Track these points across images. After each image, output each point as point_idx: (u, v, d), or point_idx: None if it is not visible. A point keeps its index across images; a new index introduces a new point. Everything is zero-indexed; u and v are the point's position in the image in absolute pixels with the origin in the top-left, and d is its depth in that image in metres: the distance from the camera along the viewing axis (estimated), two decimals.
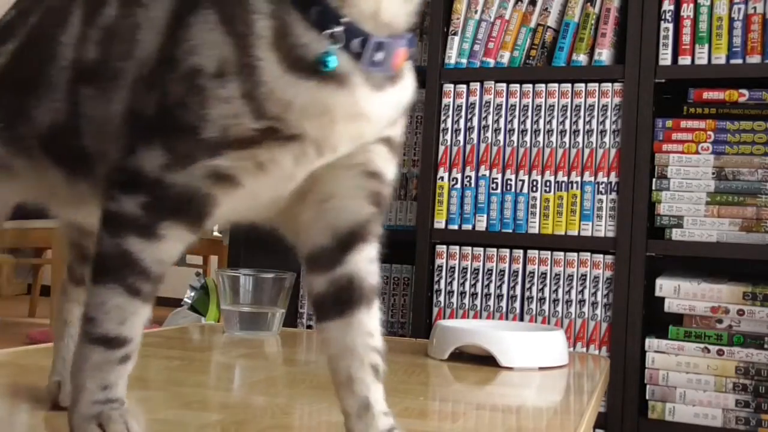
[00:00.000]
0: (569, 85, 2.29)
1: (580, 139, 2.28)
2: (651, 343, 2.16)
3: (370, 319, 0.86)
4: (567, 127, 2.29)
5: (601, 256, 2.24)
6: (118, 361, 0.79)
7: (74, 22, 0.88)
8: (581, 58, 2.32)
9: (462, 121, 2.38)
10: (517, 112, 2.33)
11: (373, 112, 0.78)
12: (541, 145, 2.31)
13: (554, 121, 2.30)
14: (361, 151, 0.82)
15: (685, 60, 2.22)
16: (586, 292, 2.24)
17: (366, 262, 0.85)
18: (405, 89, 0.83)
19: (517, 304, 2.30)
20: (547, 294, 2.27)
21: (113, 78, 0.83)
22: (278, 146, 0.76)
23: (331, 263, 0.85)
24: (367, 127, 0.79)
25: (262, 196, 0.82)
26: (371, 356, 0.85)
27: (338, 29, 0.75)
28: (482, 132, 2.36)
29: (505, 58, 2.37)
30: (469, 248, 2.34)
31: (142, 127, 0.79)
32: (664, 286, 2.14)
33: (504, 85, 2.35)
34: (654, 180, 2.21)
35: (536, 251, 2.30)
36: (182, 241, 0.79)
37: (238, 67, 0.74)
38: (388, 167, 0.85)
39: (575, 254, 2.26)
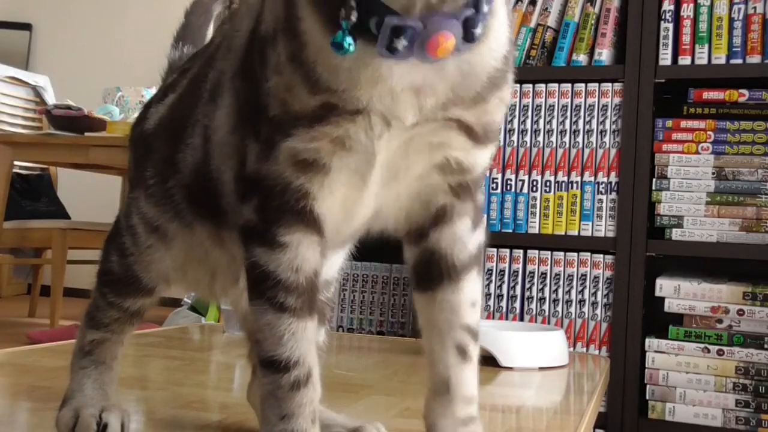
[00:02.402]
0: (569, 85, 2.29)
1: (580, 139, 2.28)
2: (651, 343, 2.16)
3: (456, 295, 0.81)
4: (567, 127, 2.29)
5: (601, 256, 2.24)
6: (289, 387, 0.74)
7: (218, 57, 0.85)
8: (581, 58, 2.32)
9: None
10: (517, 112, 2.33)
11: (428, 81, 0.70)
12: (541, 145, 2.31)
13: (554, 121, 2.30)
14: (438, 143, 0.75)
15: (685, 60, 2.22)
16: (586, 292, 2.24)
17: (450, 239, 0.81)
18: (479, 57, 0.71)
19: (517, 304, 2.30)
20: (547, 294, 2.27)
21: (221, 82, 0.79)
22: (345, 122, 0.71)
23: (416, 238, 0.82)
24: (427, 99, 0.71)
25: (355, 186, 0.76)
26: (455, 335, 0.82)
27: (351, 2, 0.66)
28: None
29: None
30: None
31: (247, 124, 0.76)
32: (664, 286, 2.13)
33: None
34: (654, 180, 2.21)
35: (536, 251, 2.30)
36: (307, 246, 0.75)
37: (284, 24, 0.70)
38: (473, 157, 0.77)
39: (575, 254, 2.26)
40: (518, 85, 2.34)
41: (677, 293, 2.12)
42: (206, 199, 0.84)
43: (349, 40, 0.66)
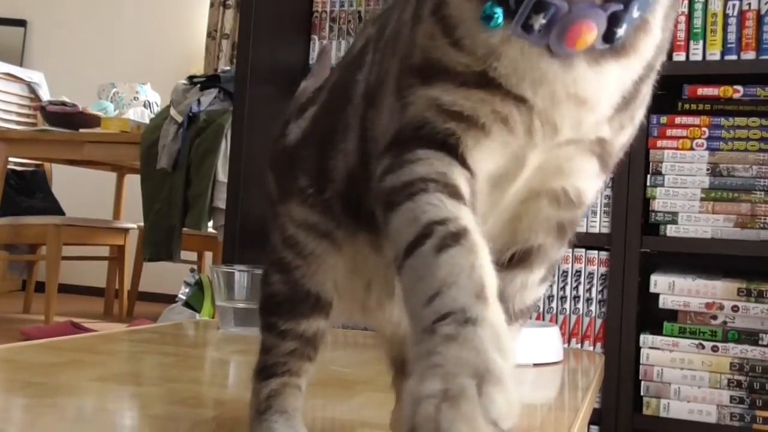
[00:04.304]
0: None
1: None
2: (645, 339, 2.16)
3: None
4: None
5: (596, 252, 2.24)
6: (433, 251, 0.56)
7: (368, 60, 0.78)
8: None
9: None
10: None
11: (590, 93, 0.62)
12: None
13: None
14: (568, 169, 0.68)
15: (679, 56, 2.22)
16: (581, 288, 2.24)
17: (518, 286, 0.74)
18: (630, 69, 0.64)
19: None
20: None
21: (384, 82, 0.71)
22: (503, 101, 0.62)
23: None
24: (588, 115, 0.64)
25: (501, 187, 0.68)
26: None
27: None
28: None
29: None
30: None
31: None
32: (659, 282, 2.14)
33: None
34: (648, 176, 2.21)
35: None
36: (455, 172, 0.63)
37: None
38: (590, 188, 0.70)
39: (569, 250, 2.26)
40: None
41: (672, 289, 2.13)
42: (362, 204, 0.75)
43: (498, 11, 0.59)
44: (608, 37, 0.60)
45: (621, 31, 0.60)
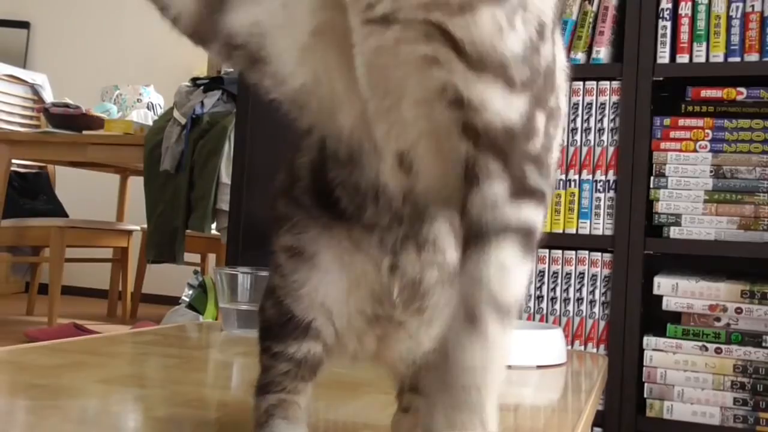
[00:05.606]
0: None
1: (578, 137, 2.28)
2: (649, 341, 2.16)
3: (480, 264, 0.68)
4: (565, 125, 2.28)
5: (600, 254, 2.24)
6: None
7: None
8: (579, 56, 2.31)
9: None
10: None
11: None
12: None
13: None
14: (427, 57, 0.64)
15: (683, 58, 2.22)
16: (585, 290, 2.24)
17: (480, 204, 0.67)
18: None
19: None
20: (545, 292, 2.27)
21: None
22: None
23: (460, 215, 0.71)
24: None
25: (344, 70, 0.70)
26: (470, 305, 0.69)
27: None
28: None
29: None
30: None
31: None
32: (662, 284, 2.14)
33: None
34: (652, 178, 2.21)
35: None
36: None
37: None
38: (477, 91, 0.64)
39: (573, 252, 2.26)
40: None
41: (675, 291, 2.13)
42: (331, 192, 0.77)
43: None
44: None
45: None
